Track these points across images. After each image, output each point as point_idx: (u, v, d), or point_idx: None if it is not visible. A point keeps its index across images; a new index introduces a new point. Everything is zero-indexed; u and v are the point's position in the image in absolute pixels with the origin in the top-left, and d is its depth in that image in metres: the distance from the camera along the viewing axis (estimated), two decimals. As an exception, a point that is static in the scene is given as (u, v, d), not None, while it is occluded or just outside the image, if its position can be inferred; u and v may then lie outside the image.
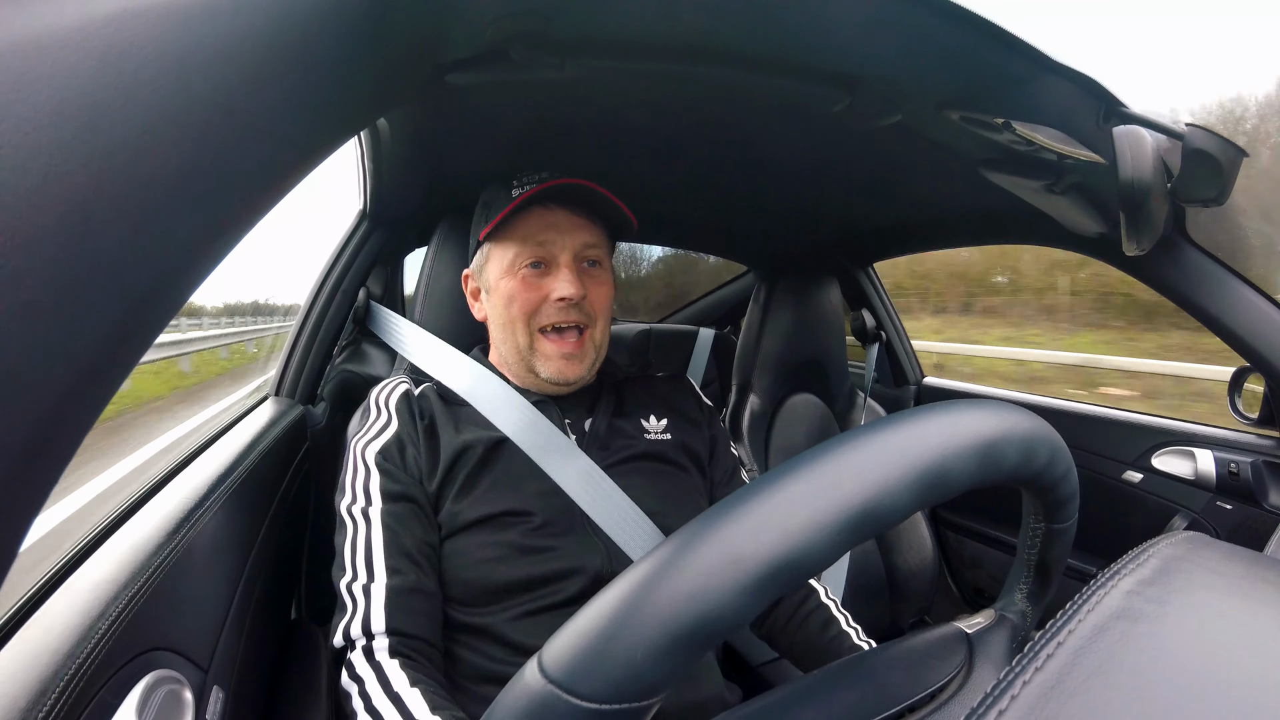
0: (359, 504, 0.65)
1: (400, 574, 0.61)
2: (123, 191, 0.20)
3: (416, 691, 0.54)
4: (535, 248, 0.72)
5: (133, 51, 0.20)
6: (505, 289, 0.73)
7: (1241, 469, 1.01)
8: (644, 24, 0.50)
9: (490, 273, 0.76)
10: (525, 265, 0.72)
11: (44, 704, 0.32)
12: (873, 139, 0.76)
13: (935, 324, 7.11)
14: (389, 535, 0.63)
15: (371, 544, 0.62)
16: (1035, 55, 0.51)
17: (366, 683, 0.55)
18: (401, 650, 0.58)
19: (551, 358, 0.73)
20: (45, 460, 0.20)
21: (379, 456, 0.67)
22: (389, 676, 0.55)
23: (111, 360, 0.22)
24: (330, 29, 0.30)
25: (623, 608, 0.26)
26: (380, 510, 0.64)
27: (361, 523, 0.64)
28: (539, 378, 0.74)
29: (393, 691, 0.54)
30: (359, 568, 0.61)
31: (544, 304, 0.72)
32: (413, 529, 0.64)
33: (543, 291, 0.72)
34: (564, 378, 0.73)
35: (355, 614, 0.59)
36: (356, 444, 0.69)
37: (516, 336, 0.73)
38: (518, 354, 0.74)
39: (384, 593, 0.60)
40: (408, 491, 0.66)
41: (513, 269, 0.73)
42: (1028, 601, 0.44)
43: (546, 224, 0.72)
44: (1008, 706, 0.21)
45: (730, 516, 0.27)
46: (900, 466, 0.29)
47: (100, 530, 0.49)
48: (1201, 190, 0.62)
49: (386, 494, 0.65)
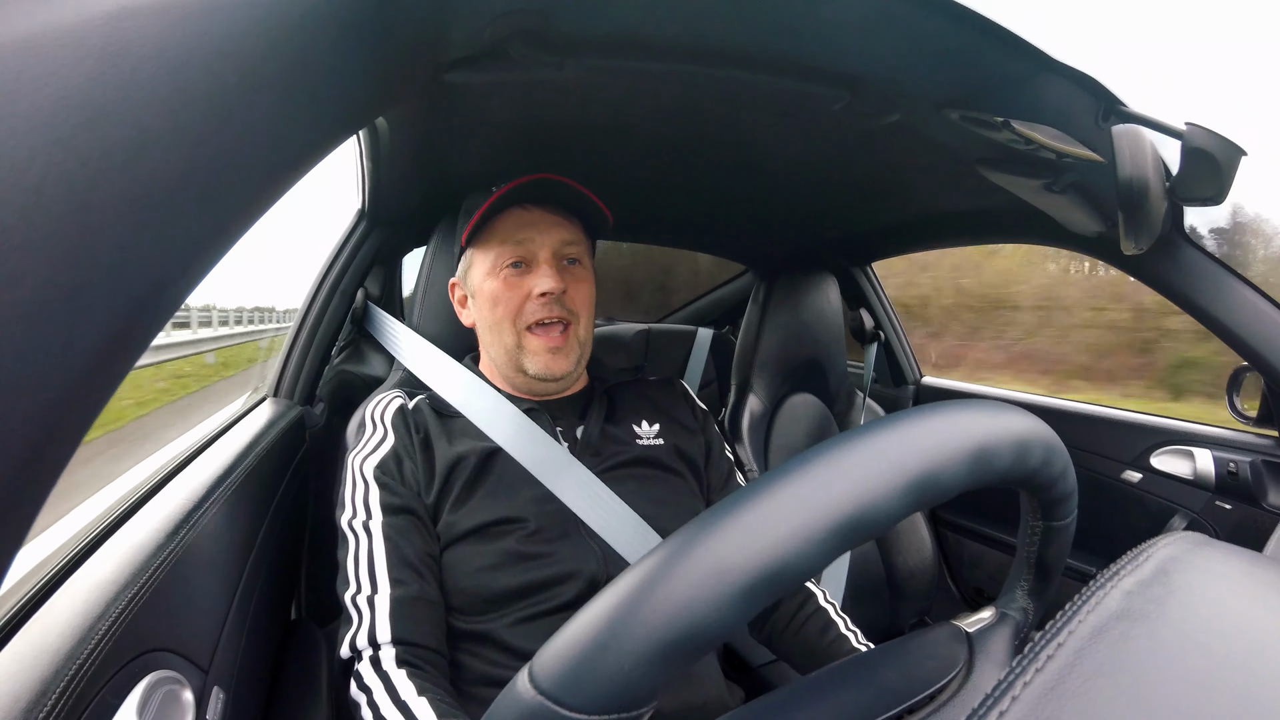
0: (359, 518, 0.65)
1: (404, 584, 0.62)
2: (121, 191, 0.20)
3: (424, 700, 0.54)
4: (514, 247, 0.73)
5: (131, 51, 0.20)
6: (489, 291, 0.74)
7: (1240, 468, 1.01)
8: (643, 23, 0.50)
9: (474, 277, 0.77)
10: (506, 265, 0.74)
11: (45, 704, 0.32)
12: (872, 138, 0.76)
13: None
14: (390, 547, 0.63)
15: (374, 557, 0.63)
16: (1035, 54, 0.51)
17: (374, 692, 0.55)
18: (408, 659, 0.58)
19: (538, 353, 0.73)
20: (45, 461, 0.20)
21: (377, 470, 0.68)
22: (396, 686, 0.55)
23: (110, 360, 0.22)
24: (329, 28, 0.30)
25: (611, 619, 0.26)
26: (381, 523, 0.65)
27: (363, 536, 0.64)
28: (528, 376, 0.75)
29: (400, 700, 0.54)
30: (362, 580, 0.62)
31: (527, 302, 0.73)
32: (413, 540, 0.65)
33: (525, 289, 0.73)
34: (551, 373, 0.74)
35: (361, 625, 0.59)
36: (354, 459, 0.69)
37: (503, 337, 0.74)
38: (506, 354, 0.75)
39: (388, 603, 0.60)
40: (407, 504, 0.67)
41: (494, 270, 0.74)
42: (1029, 599, 0.44)
43: (524, 223, 0.74)
44: (1008, 707, 0.21)
45: (717, 526, 0.27)
46: (890, 472, 0.29)
47: (100, 531, 0.49)
48: (1200, 189, 0.62)
49: (386, 507, 0.66)
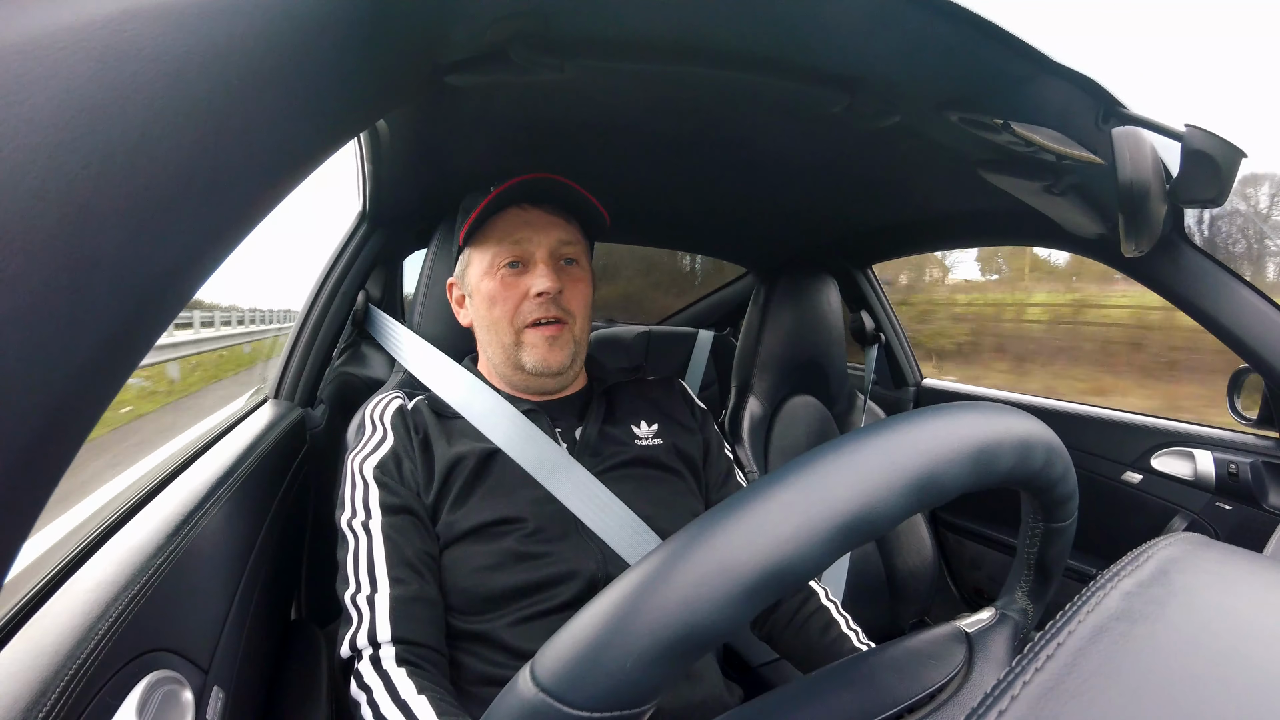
0: (359, 518, 0.65)
1: (403, 584, 0.62)
2: (122, 193, 0.20)
3: (424, 699, 0.54)
4: (512, 246, 0.74)
5: (132, 53, 0.20)
6: (486, 290, 0.75)
7: (1241, 469, 1.01)
8: (644, 25, 0.50)
9: (471, 276, 0.77)
10: (503, 265, 0.74)
11: (44, 704, 0.32)
12: (872, 140, 0.76)
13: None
14: (390, 546, 0.63)
15: (374, 556, 0.63)
16: (1035, 55, 0.51)
17: (374, 691, 0.55)
18: (408, 658, 0.58)
19: (536, 345, 0.74)
20: (46, 461, 0.20)
21: (377, 471, 0.68)
22: (396, 684, 0.55)
23: (112, 362, 0.22)
24: (329, 30, 0.30)
25: (613, 617, 0.26)
26: (381, 523, 0.65)
27: (363, 536, 0.64)
28: (525, 372, 0.75)
29: (400, 699, 0.54)
30: (362, 580, 0.62)
31: (524, 301, 0.73)
32: (413, 540, 0.65)
33: (522, 289, 0.73)
34: (548, 365, 0.74)
35: (361, 625, 0.59)
36: (354, 459, 0.70)
37: (501, 336, 0.75)
38: (503, 352, 0.75)
39: (388, 603, 0.60)
40: (406, 504, 0.67)
41: (492, 270, 0.74)
42: (1028, 600, 0.44)
43: (522, 223, 0.74)
44: (1008, 707, 0.21)
45: (720, 525, 0.27)
46: (892, 473, 0.29)
47: (101, 532, 0.49)
48: (1200, 191, 0.62)
49: (386, 507, 0.66)
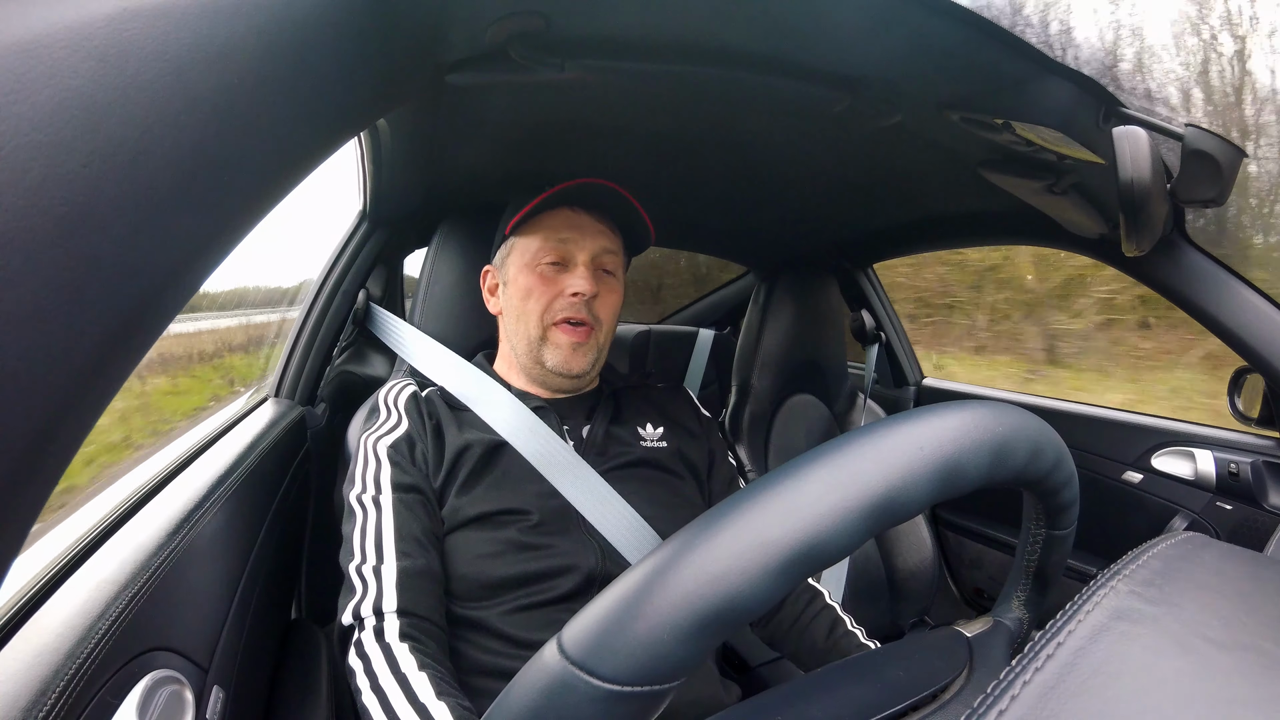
0: (369, 493, 0.66)
1: (410, 557, 0.62)
2: (123, 192, 0.20)
3: (424, 676, 0.54)
4: (557, 244, 0.75)
5: (132, 52, 0.20)
6: (523, 282, 0.76)
7: (1241, 469, 1.01)
8: (644, 25, 0.50)
9: (511, 265, 0.78)
10: (545, 262, 0.75)
11: (44, 704, 0.32)
12: (873, 140, 0.76)
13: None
14: (399, 521, 0.64)
15: (382, 529, 0.64)
16: (1035, 55, 0.51)
17: (373, 660, 0.56)
18: (411, 633, 0.58)
19: (561, 346, 0.75)
20: (46, 461, 0.20)
21: (390, 450, 0.69)
22: (397, 658, 0.56)
23: (112, 361, 0.22)
24: (330, 30, 0.30)
25: (648, 588, 0.26)
26: (391, 499, 0.66)
27: (372, 509, 0.65)
28: (545, 369, 0.76)
29: (400, 672, 0.55)
30: (369, 551, 0.62)
31: (558, 298, 0.74)
32: (420, 517, 0.66)
33: (558, 286, 0.74)
34: (569, 368, 0.75)
35: (366, 594, 0.60)
36: (367, 439, 0.71)
37: (529, 328, 0.75)
38: (528, 345, 0.76)
39: (395, 574, 0.61)
40: (416, 483, 0.68)
41: (533, 264, 0.75)
42: (1024, 609, 0.44)
43: (570, 224, 0.75)
44: (1008, 706, 0.21)
45: (758, 500, 0.27)
46: (921, 458, 0.29)
47: (101, 530, 0.49)
48: (1201, 191, 0.62)
49: (396, 484, 0.67)
